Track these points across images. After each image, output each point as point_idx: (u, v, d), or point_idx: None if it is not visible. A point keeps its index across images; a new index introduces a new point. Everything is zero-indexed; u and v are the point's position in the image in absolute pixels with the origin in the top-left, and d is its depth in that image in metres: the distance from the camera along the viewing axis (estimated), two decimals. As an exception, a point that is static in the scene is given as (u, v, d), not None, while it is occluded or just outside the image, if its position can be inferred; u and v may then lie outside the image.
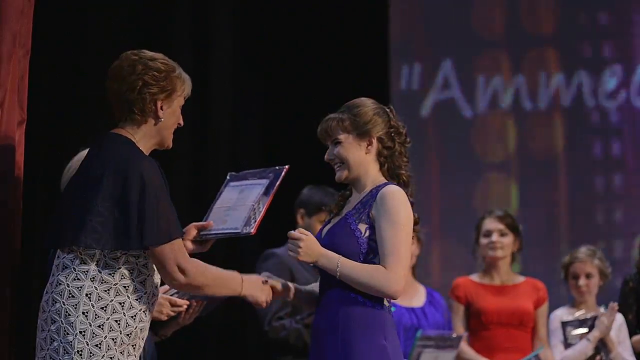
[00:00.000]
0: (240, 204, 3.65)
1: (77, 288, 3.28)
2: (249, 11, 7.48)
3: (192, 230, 3.67)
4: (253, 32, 7.48)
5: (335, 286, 3.59)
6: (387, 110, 3.75)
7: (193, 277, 3.36)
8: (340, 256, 3.56)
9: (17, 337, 3.67)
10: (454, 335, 5.41)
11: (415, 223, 3.66)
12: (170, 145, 3.51)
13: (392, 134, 3.70)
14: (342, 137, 3.69)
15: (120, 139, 3.39)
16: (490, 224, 5.69)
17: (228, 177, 3.79)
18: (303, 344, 5.16)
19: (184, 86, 3.48)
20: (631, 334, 5.63)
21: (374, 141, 3.68)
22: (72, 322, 3.25)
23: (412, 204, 3.65)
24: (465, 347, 5.55)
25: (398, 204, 3.57)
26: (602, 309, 5.45)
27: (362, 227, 3.60)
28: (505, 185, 7.82)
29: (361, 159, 3.69)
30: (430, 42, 7.93)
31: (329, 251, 3.59)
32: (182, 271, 3.34)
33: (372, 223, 3.60)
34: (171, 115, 3.45)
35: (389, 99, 7.03)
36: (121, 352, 3.30)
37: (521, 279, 5.81)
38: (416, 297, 5.62)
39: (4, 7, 3.57)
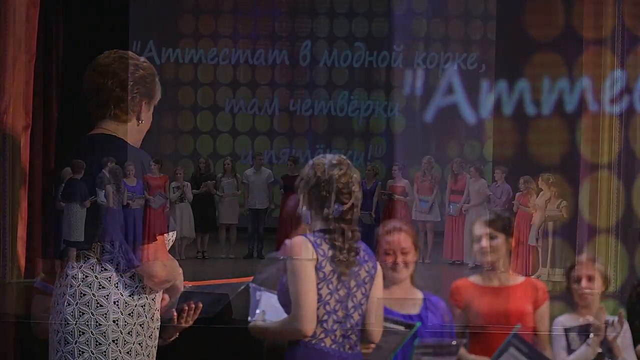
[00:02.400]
0: None
1: (104, 297, 3.30)
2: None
3: None
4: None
5: None
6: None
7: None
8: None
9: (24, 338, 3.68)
10: (453, 342, 5.40)
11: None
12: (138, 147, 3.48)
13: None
14: None
15: (114, 139, 3.38)
16: (478, 229, 5.68)
17: None
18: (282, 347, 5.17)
19: (159, 92, 3.50)
20: (639, 340, 5.62)
21: None
22: (104, 332, 3.27)
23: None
24: (462, 351, 5.56)
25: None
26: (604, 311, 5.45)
27: None
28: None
29: None
30: (434, 47, 7.95)
31: None
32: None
33: None
34: (149, 119, 3.47)
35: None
36: (148, 355, 3.35)
37: (521, 279, 5.79)
38: (412, 304, 5.59)
39: (9, 13, 3.59)
